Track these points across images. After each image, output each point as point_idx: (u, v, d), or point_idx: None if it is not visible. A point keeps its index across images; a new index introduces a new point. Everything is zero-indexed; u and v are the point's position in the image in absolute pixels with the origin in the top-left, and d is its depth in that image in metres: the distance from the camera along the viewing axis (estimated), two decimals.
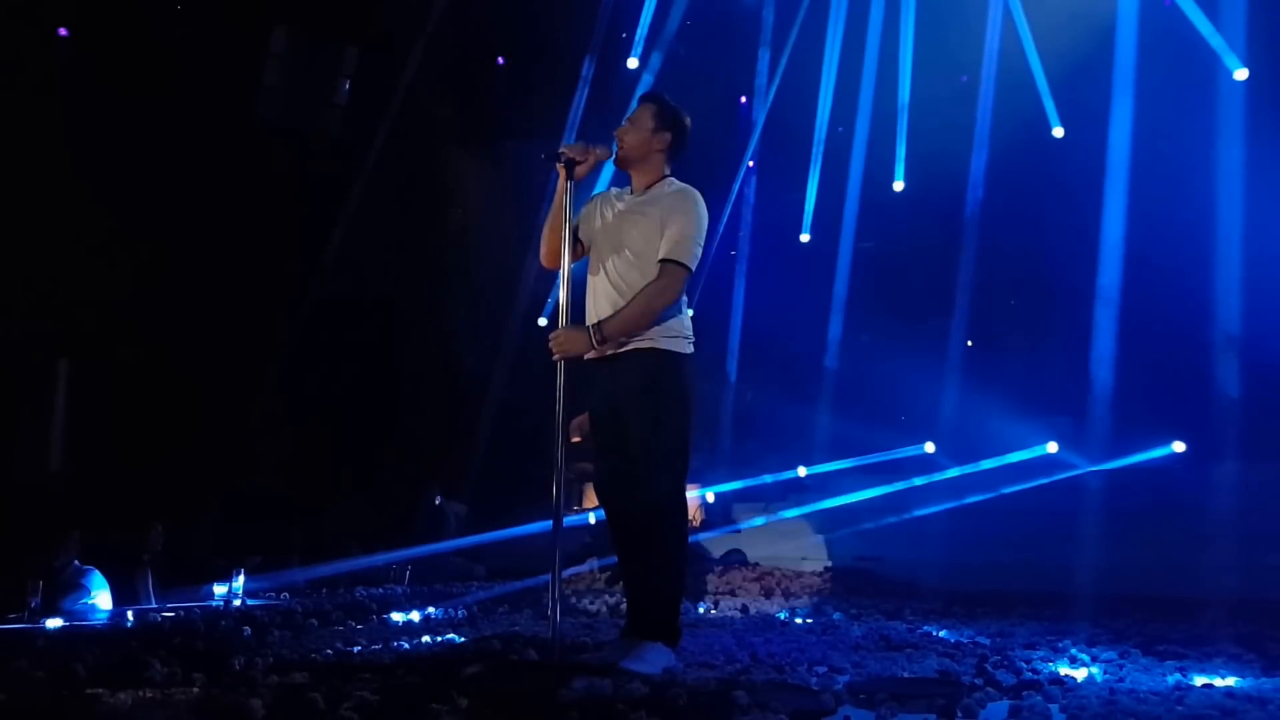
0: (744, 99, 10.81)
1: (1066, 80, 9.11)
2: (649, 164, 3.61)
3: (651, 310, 3.42)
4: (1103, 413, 8.27)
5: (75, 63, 8.27)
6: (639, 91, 8.83)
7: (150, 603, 5.90)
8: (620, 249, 3.53)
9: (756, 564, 7.57)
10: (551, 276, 4.29)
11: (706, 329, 3.70)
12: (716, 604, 6.00)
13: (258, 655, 3.59)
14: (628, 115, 3.71)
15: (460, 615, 5.24)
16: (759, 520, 8.74)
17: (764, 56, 9.95)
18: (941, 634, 4.64)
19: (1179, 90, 8.43)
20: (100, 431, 8.18)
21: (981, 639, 4.44)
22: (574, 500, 8.72)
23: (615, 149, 3.64)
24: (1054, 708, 2.85)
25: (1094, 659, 3.85)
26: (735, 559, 7.68)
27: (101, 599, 5.52)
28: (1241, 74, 7.96)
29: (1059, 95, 9.18)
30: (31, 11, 8.03)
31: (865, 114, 9.71)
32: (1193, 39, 8.06)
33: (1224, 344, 8.13)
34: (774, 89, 9.92)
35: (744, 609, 5.75)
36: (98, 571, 5.60)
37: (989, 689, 3.12)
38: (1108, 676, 3.50)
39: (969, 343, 9.73)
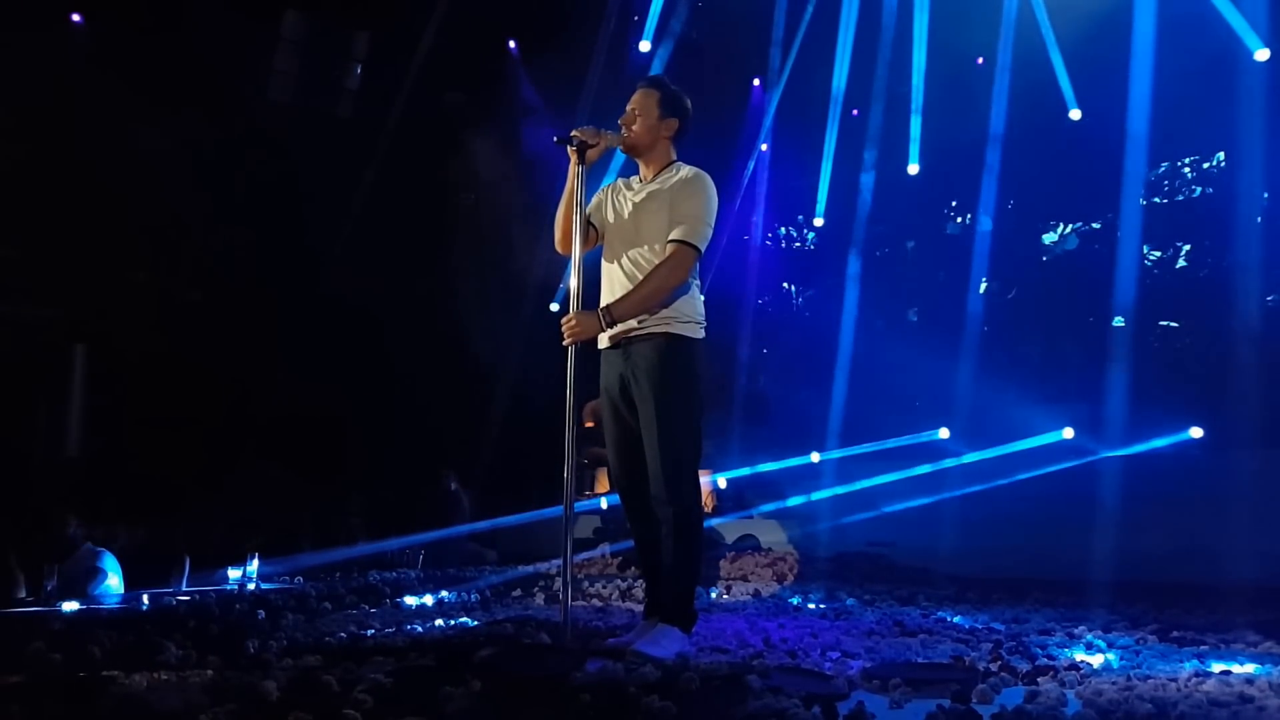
0: (757, 82, 10.74)
1: (1084, 62, 8.99)
2: (657, 150, 3.62)
3: (661, 290, 3.42)
4: (1119, 398, 8.20)
5: (88, 48, 8.28)
6: (653, 72, 8.82)
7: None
8: (634, 239, 3.53)
9: (769, 549, 7.56)
10: (563, 262, 4.26)
11: (719, 313, 3.66)
12: (729, 589, 5.98)
13: (272, 638, 3.61)
14: (629, 103, 3.63)
15: (473, 599, 5.24)
16: (772, 505, 8.73)
17: (777, 39, 9.86)
18: (956, 620, 4.62)
19: (1198, 72, 8.32)
20: (116, 417, 8.23)
21: (996, 625, 4.43)
22: (586, 485, 8.72)
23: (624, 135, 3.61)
24: (1069, 694, 2.83)
25: (1110, 645, 3.82)
26: (748, 544, 7.67)
27: (114, 581, 5.55)
28: (1262, 55, 7.84)
29: (1076, 77, 9.07)
30: None
31: (880, 97, 9.63)
32: (1212, 19, 7.94)
33: (1242, 329, 8.05)
34: (787, 72, 9.84)
35: (756, 594, 5.73)
36: (110, 554, 5.62)
37: (1004, 674, 3.12)
38: (1124, 663, 3.48)
39: (984, 327, 9.67)
